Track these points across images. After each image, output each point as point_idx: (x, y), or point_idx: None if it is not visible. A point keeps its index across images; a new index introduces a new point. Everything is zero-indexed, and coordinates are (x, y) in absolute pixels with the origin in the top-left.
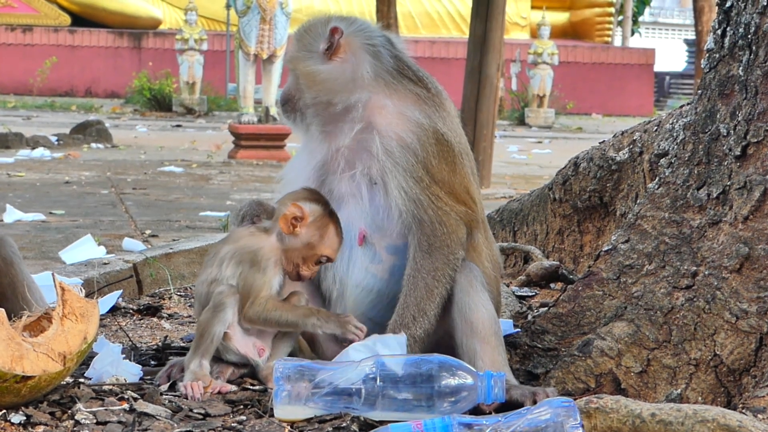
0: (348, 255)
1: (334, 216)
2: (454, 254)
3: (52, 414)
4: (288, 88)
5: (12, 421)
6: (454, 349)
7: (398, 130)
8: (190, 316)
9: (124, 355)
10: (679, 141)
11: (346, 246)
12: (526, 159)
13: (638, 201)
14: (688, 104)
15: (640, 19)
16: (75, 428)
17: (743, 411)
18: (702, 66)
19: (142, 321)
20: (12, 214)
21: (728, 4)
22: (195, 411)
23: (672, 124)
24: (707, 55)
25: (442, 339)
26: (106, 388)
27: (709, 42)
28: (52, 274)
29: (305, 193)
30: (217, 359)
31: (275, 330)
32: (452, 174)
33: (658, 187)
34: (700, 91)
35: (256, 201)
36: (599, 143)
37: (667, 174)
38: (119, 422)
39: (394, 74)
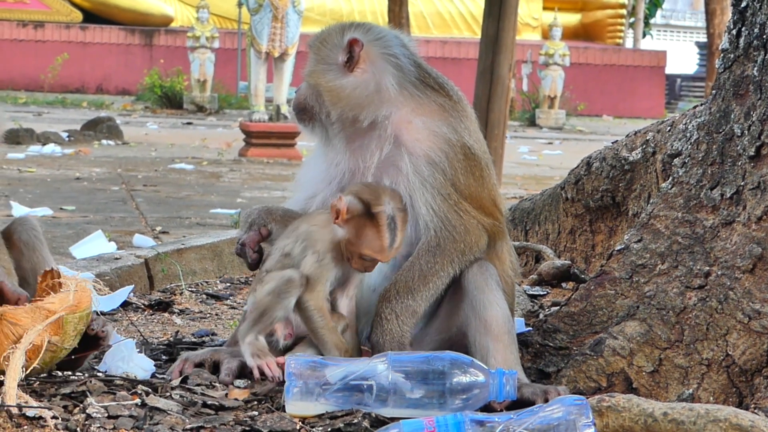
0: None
1: (377, 218)
2: (464, 257)
3: (65, 408)
4: (304, 97)
5: (27, 415)
6: (466, 347)
7: (426, 148)
8: (201, 312)
9: (138, 350)
10: (692, 141)
11: None
12: (536, 160)
13: (651, 201)
14: (701, 104)
15: (652, 21)
16: (87, 422)
17: (755, 411)
18: (716, 66)
19: (153, 316)
20: (18, 210)
21: (743, 4)
22: (209, 403)
23: (685, 124)
24: (722, 55)
25: (455, 336)
26: (118, 382)
27: (723, 42)
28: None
29: (360, 187)
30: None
31: (304, 325)
32: (480, 187)
33: (672, 187)
34: (714, 91)
35: (264, 209)
36: (612, 143)
37: (680, 174)
38: (131, 416)
39: (417, 85)
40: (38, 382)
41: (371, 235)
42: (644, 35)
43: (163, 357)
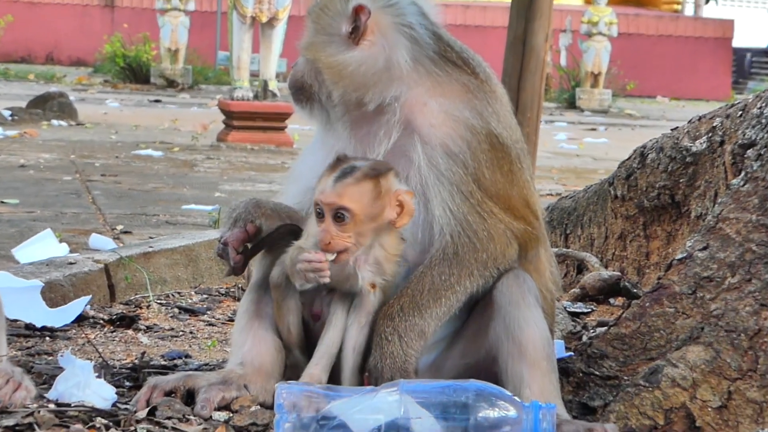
0: None
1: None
2: (487, 270)
3: None
4: (301, 74)
5: None
6: (496, 375)
7: (444, 135)
8: (172, 329)
9: (97, 374)
10: None
11: None
12: (576, 149)
13: (719, 200)
14: None
15: None
16: None
17: None
18: None
19: (114, 333)
20: None
21: None
22: None
23: (761, 108)
24: None
25: (482, 362)
26: (71, 413)
27: None
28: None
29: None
30: None
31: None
32: (509, 185)
33: (744, 184)
34: None
35: (253, 202)
36: (671, 130)
37: (754, 168)
38: None
39: (435, 60)
40: None
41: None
42: (707, 1)
43: (127, 383)
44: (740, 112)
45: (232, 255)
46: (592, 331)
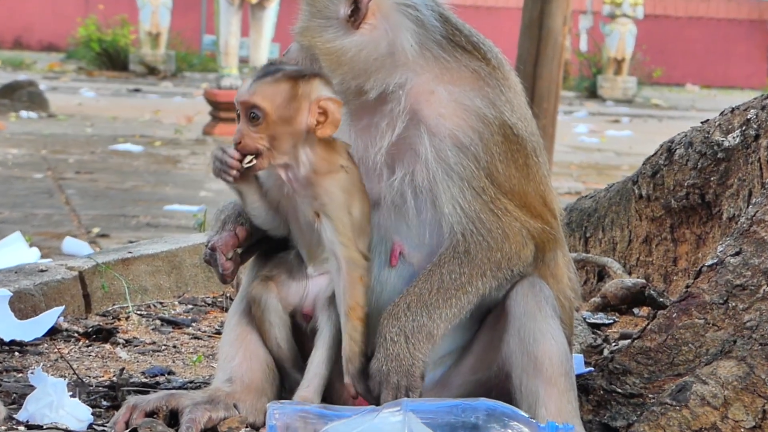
0: (378, 275)
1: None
2: (501, 271)
3: None
4: (294, 61)
5: None
6: (510, 392)
7: (454, 126)
8: (154, 343)
9: (71, 393)
10: None
11: (379, 265)
12: (597, 143)
13: (753, 200)
14: None
15: None
16: None
17: None
18: None
19: (90, 348)
20: None
21: None
22: None
23: None
24: None
25: (494, 378)
26: None
27: None
28: None
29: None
30: None
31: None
32: (525, 180)
33: None
34: None
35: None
36: (701, 123)
37: None
38: None
39: (443, 44)
40: None
41: None
42: None
43: (104, 402)
44: None
45: (220, 261)
46: (614, 344)
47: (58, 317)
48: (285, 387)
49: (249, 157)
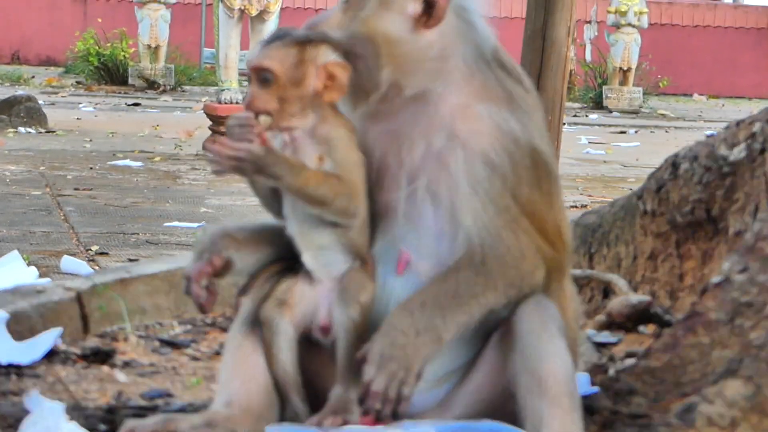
0: (383, 285)
1: None
2: (512, 289)
3: None
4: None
5: None
6: (513, 413)
7: (487, 144)
8: (152, 365)
9: (68, 417)
10: None
11: (383, 275)
12: (603, 155)
13: (759, 216)
14: None
15: None
16: None
17: None
18: None
19: (88, 370)
20: None
21: None
22: None
23: None
24: None
25: (498, 398)
26: None
27: None
28: None
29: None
30: None
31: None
32: (546, 206)
33: None
34: None
35: (219, 231)
36: (706, 136)
37: None
38: None
39: (489, 60)
40: None
41: None
42: None
43: (102, 426)
44: None
45: (194, 291)
46: (619, 363)
47: (56, 339)
48: (285, 417)
49: (261, 117)
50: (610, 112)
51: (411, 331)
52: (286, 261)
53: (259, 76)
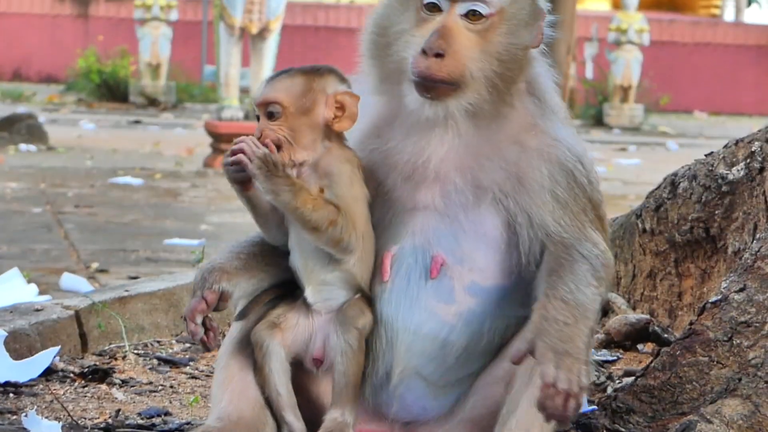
0: (407, 287)
1: None
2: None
3: None
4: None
5: None
6: None
7: (560, 154)
8: (151, 383)
9: None
10: None
11: (409, 276)
12: (604, 172)
13: (758, 235)
14: None
15: None
16: None
17: None
18: None
19: (86, 389)
20: None
21: None
22: None
23: None
24: None
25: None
26: None
27: None
28: None
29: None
30: None
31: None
32: (603, 224)
33: None
34: None
35: (208, 267)
36: (705, 155)
37: None
38: None
39: (549, 87)
40: None
41: None
42: (749, 3)
43: None
44: None
45: (191, 329)
46: (617, 381)
47: (54, 357)
48: None
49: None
50: (611, 129)
51: (571, 320)
52: (284, 286)
53: (266, 110)
